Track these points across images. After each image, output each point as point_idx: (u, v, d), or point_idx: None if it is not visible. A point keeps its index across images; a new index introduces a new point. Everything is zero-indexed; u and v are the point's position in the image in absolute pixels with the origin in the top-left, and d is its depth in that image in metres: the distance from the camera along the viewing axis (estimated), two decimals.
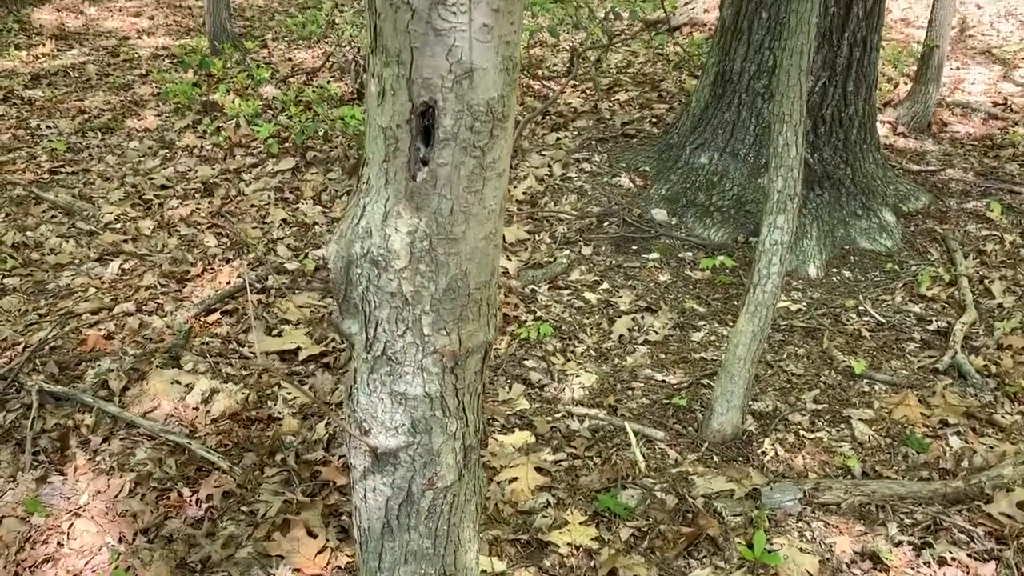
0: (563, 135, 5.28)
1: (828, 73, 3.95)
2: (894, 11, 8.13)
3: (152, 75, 6.56)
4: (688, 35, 7.47)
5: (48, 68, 6.82)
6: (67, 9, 8.60)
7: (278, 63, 6.85)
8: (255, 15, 8.69)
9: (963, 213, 4.30)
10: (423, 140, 1.22)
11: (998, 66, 6.63)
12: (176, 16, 8.62)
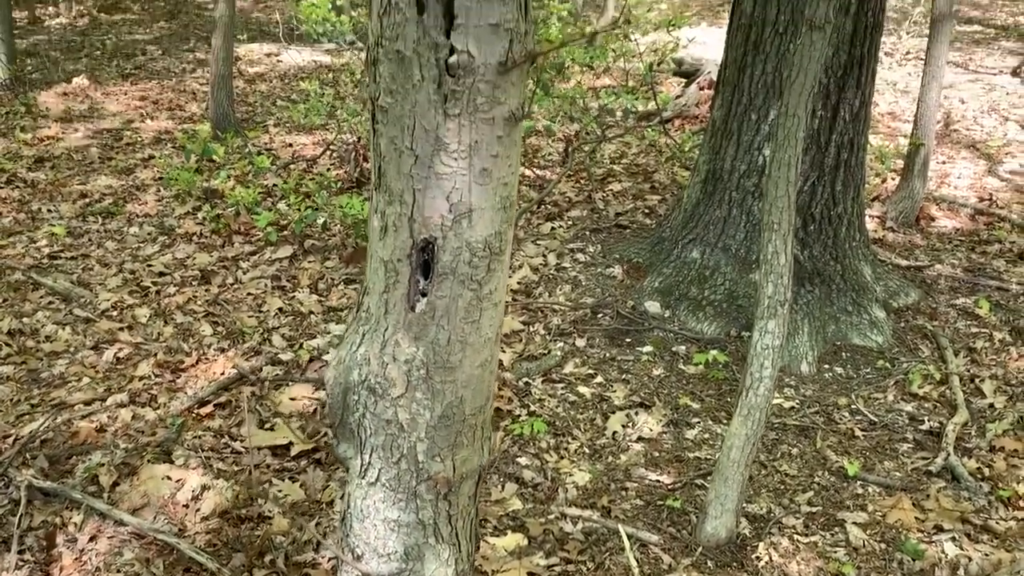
0: (558, 224, 5.36)
1: (817, 173, 4.05)
2: (880, 105, 8.36)
3: (155, 160, 6.68)
4: (680, 127, 7.66)
5: (52, 151, 6.94)
6: (73, 92, 8.79)
7: (279, 149, 6.99)
8: (258, 100, 8.89)
9: (952, 309, 4.35)
10: (422, 273, 1.26)
11: (983, 160, 6.79)
12: (180, 100, 8.81)
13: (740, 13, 4.13)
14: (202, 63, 10.57)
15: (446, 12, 1.10)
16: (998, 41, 12.31)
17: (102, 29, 12.76)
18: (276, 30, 12.98)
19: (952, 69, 9.98)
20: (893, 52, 10.86)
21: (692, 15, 15.28)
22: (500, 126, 1.18)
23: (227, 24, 7.15)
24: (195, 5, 15.58)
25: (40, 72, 9.70)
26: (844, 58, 3.93)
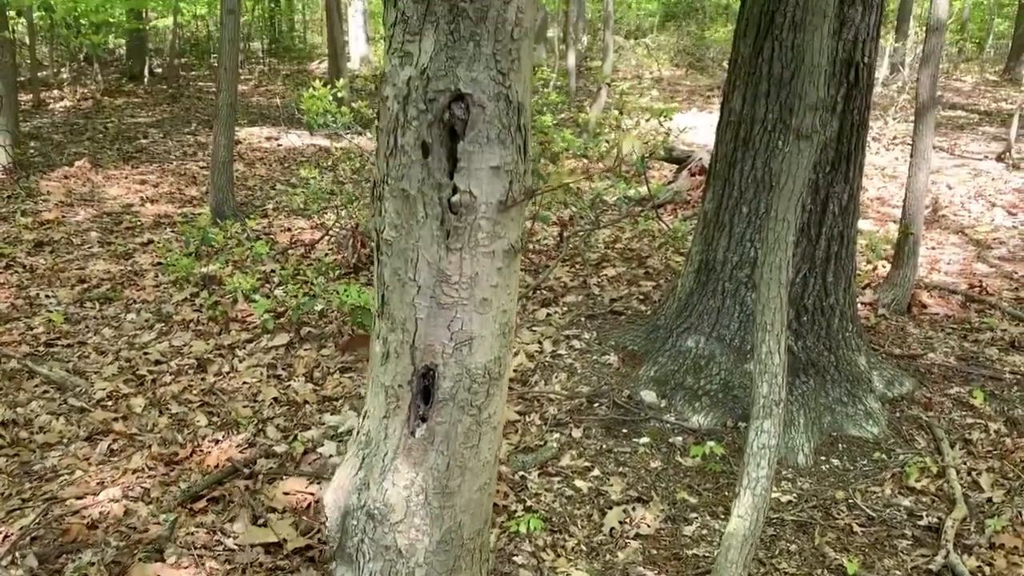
0: (553, 310, 5.40)
1: (808, 265, 4.12)
2: (869, 190, 8.53)
3: (154, 244, 6.75)
4: (672, 212, 7.79)
5: (52, 235, 7.01)
6: (75, 176, 8.92)
7: (277, 233, 7.07)
8: (257, 184, 9.03)
9: (947, 399, 4.37)
10: (423, 399, 1.28)
11: (972, 246, 6.89)
12: (180, 183, 8.94)
13: (729, 110, 4.25)
14: (203, 146, 10.78)
15: (449, 155, 1.15)
16: (982, 126, 12.62)
17: (105, 112, 13.03)
18: (277, 114, 13.28)
19: (938, 154, 10.22)
20: (880, 137, 11.12)
21: (682, 100, 15.68)
22: (500, 258, 1.22)
23: (229, 111, 7.32)
24: (197, 88, 15.93)
25: (43, 155, 9.87)
26: (832, 154, 4.03)
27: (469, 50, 1.15)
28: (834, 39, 3.89)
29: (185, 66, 18.90)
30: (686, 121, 13.16)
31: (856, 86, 3.99)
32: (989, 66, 19.40)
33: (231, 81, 7.30)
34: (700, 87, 17.59)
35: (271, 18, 21.45)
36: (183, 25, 19.70)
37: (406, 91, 1.18)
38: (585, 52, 21.37)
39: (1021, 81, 10.41)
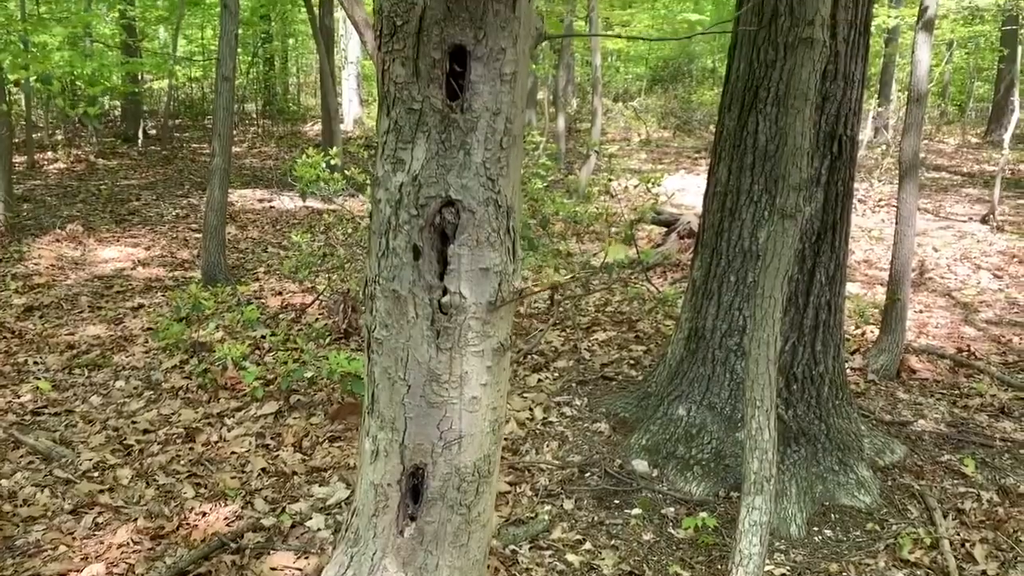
0: (544, 376, 5.40)
1: (796, 334, 4.14)
2: (856, 252, 8.62)
3: (144, 308, 6.74)
4: (662, 274, 7.85)
5: (42, 299, 7.00)
6: (67, 239, 8.94)
7: (268, 297, 7.08)
8: (249, 247, 9.07)
9: (939, 467, 4.36)
10: (412, 498, 1.28)
11: (959, 309, 6.95)
12: (172, 247, 8.97)
13: (716, 181, 4.32)
14: (195, 208, 10.84)
15: (440, 258, 1.18)
16: (965, 188, 12.83)
17: (99, 174, 13.12)
18: (270, 175, 13.40)
19: (923, 216, 10.36)
20: (866, 199, 11.28)
21: (670, 162, 15.90)
22: (489, 357, 1.23)
23: (222, 175, 7.38)
24: (191, 150, 16.09)
25: (35, 218, 9.90)
26: (818, 224, 4.09)
27: (459, 158, 1.18)
28: (817, 113, 3.98)
29: (179, 127, 19.12)
30: (674, 183, 13.35)
31: (840, 158, 4.07)
32: (970, 128, 19.80)
33: (225, 147, 7.38)
34: (687, 148, 17.86)
35: (266, 80, 21.78)
36: (178, 87, 19.98)
37: (398, 196, 1.20)
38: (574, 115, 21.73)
39: (1002, 143, 10.61)
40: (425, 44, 1.17)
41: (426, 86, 1.19)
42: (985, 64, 20.61)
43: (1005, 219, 10.24)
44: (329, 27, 13.75)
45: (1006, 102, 15.15)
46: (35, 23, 10.70)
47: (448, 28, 1.17)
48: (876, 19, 12.36)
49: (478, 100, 1.20)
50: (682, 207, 11.18)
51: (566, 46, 18.27)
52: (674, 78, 23.13)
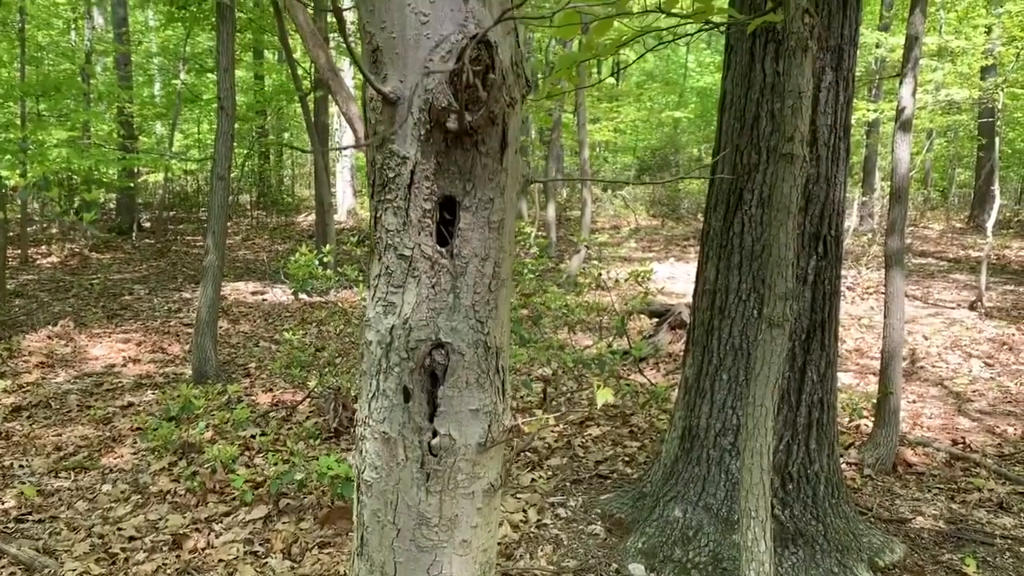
0: (538, 475, 5.33)
1: (790, 432, 4.13)
2: (847, 341, 8.65)
3: (133, 407, 6.68)
4: (654, 366, 7.84)
5: (31, 398, 6.94)
6: (57, 336, 8.92)
7: (259, 394, 7.03)
8: (240, 341, 9.05)
9: (940, 567, 4.28)
10: None
11: (952, 399, 6.94)
12: (163, 342, 8.94)
13: (704, 279, 4.37)
14: (187, 302, 10.86)
15: (430, 399, 1.19)
16: (952, 274, 12.97)
17: (92, 268, 13.18)
18: (263, 268, 13.48)
19: (912, 303, 10.45)
20: (855, 286, 11.38)
21: (659, 249, 16.09)
22: (479, 498, 1.23)
23: (215, 272, 7.43)
24: (184, 242, 16.22)
25: (27, 314, 9.90)
26: (807, 323, 4.13)
27: (449, 302, 1.21)
28: (801, 214, 4.06)
29: (174, 219, 19.32)
30: (664, 270, 13.48)
31: (825, 258, 4.13)
32: (954, 214, 20.16)
33: (219, 244, 7.45)
34: (676, 236, 18.10)
35: (260, 173, 22.12)
36: (173, 180, 20.27)
37: (389, 339, 1.22)
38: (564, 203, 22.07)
39: (986, 229, 10.79)
40: (416, 196, 1.21)
41: (417, 234, 1.23)
42: (964, 151, 21.13)
43: (993, 305, 10.33)
44: (324, 123, 14.06)
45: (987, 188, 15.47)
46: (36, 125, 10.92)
47: (439, 181, 1.21)
48: (856, 112, 12.72)
49: (467, 247, 1.23)
50: (673, 295, 11.27)
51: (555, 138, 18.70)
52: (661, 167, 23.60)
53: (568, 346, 7.79)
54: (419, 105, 1.19)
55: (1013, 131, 18.73)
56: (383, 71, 1.24)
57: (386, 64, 1.23)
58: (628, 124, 23.13)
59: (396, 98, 1.21)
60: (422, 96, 1.18)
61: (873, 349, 8.25)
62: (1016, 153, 19.93)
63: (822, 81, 4.00)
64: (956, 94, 10.86)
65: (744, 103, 4.11)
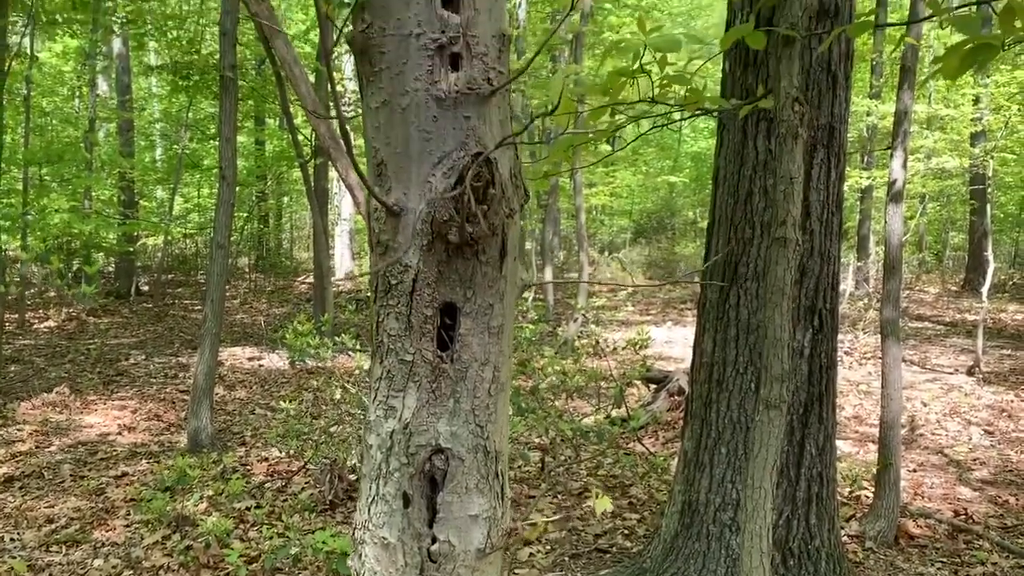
0: (536, 549, 5.26)
1: (790, 507, 4.10)
2: (846, 408, 8.63)
3: (127, 477, 6.62)
4: (652, 434, 7.80)
5: (24, 468, 6.87)
6: (53, 403, 8.87)
7: (254, 463, 6.97)
8: (236, 408, 9.01)
9: None
10: None
11: (953, 468, 6.90)
12: (159, 409, 8.89)
13: (701, 352, 4.39)
14: (184, 368, 10.83)
15: (429, 504, 1.19)
16: (949, 337, 13.00)
17: (89, 333, 13.17)
18: (260, 332, 13.48)
19: (909, 368, 10.44)
20: (852, 351, 11.39)
21: (657, 313, 16.13)
22: None
23: (213, 340, 7.44)
24: (182, 306, 16.24)
25: (22, 380, 9.86)
26: (804, 396, 4.13)
27: (449, 406, 1.23)
28: (796, 288, 4.10)
29: (172, 282, 19.37)
30: (661, 334, 13.49)
31: (821, 331, 4.16)
32: (949, 276, 20.28)
33: (217, 312, 7.47)
34: (674, 299, 18.16)
35: (259, 237, 22.27)
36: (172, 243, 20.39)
37: (389, 443, 1.24)
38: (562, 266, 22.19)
39: (981, 292, 10.86)
40: (418, 302, 1.23)
41: (418, 339, 1.25)
42: (957, 215, 21.37)
43: (991, 370, 10.33)
44: (324, 188, 14.21)
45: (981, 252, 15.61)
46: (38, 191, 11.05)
47: (440, 288, 1.24)
48: (850, 180, 12.91)
49: (467, 352, 1.26)
50: (671, 360, 11.26)
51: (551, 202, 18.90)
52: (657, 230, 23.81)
53: (566, 413, 7.76)
54: (422, 217, 1.23)
55: (1004, 195, 18.99)
56: (387, 184, 1.28)
57: (390, 177, 1.28)
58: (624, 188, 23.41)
59: (400, 210, 1.25)
60: (425, 209, 1.22)
61: (872, 416, 8.22)
62: (1008, 217, 20.17)
63: (814, 158, 4.08)
64: (947, 162, 11.04)
65: (737, 179, 4.18)
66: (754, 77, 4.06)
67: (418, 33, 1.24)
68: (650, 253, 23.33)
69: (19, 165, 12.27)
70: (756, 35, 2.54)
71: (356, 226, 21.68)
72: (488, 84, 1.26)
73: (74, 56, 18.99)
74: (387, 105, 1.27)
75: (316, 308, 12.87)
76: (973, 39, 1.78)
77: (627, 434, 7.43)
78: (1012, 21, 1.74)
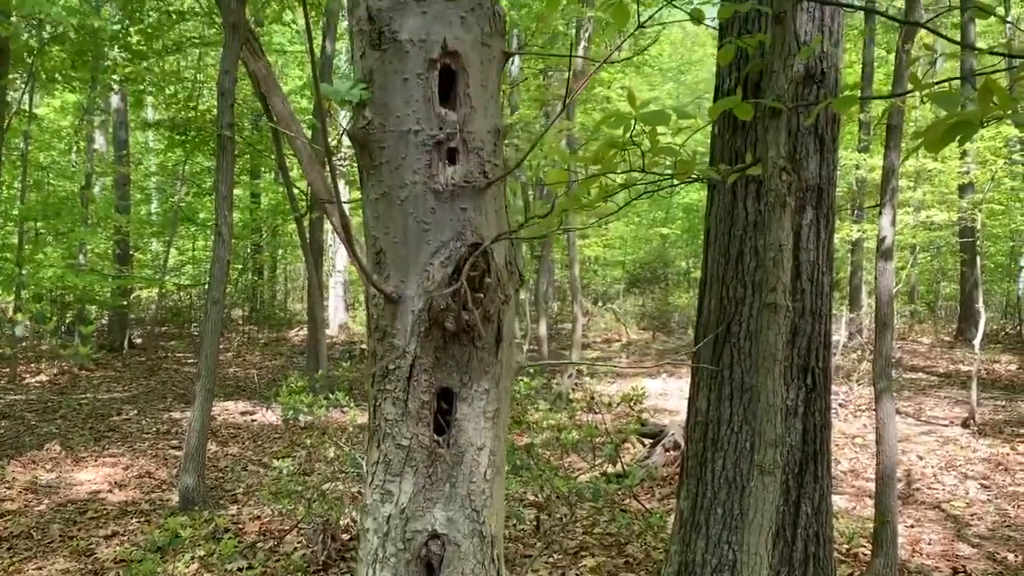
0: None
1: (787, 568, 4.07)
2: (842, 462, 8.60)
3: (117, 536, 6.53)
4: (648, 490, 7.75)
5: (12, 528, 6.78)
6: (43, 460, 8.79)
7: (246, 522, 6.89)
8: (229, 464, 8.93)
9: None
10: None
11: (950, 523, 6.86)
12: (151, 465, 8.81)
13: (696, 410, 4.40)
14: (176, 423, 10.76)
15: None
16: (943, 388, 13.00)
17: (80, 387, 13.09)
18: (253, 386, 13.42)
19: (905, 420, 10.44)
20: (847, 403, 11.38)
21: (651, 364, 16.13)
22: None
23: (206, 396, 7.40)
24: (175, 359, 16.18)
25: (13, 437, 9.78)
26: (799, 456, 4.13)
27: (446, 491, 1.24)
28: (789, 347, 4.12)
29: (165, 335, 19.32)
30: (656, 386, 13.48)
31: (814, 390, 4.17)
32: (942, 326, 20.35)
33: (211, 368, 7.45)
34: (668, 350, 18.17)
35: (253, 288, 22.30)
36: (166, 295, 20.39)
37: (386, 528, 1.25)
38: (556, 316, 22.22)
39: (974, 343, 10.90)
40: (415, 388, 1.26)
41: (415, 424, 1.27)
42: (948, 265, 21.52)
43: (985, 422, 10.33)
44: (319, 241, 14.29)
45: (972, 303, 15.70)
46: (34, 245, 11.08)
47: (437, 374, 1.26)
48: (840, 232, 13.02)
49: (463, 436, 1.27)
50: (666, 413, 11.23)
51: (545, 253, 19.00)
52: (650, 281, 23.91)
53: (561, 469, 7.71)
54: (419, 305, 1.25)
55: (994, 246, 19.16)
56: (386, 271, 1.31)
57: (389, 265, 1.31)
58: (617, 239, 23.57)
59: (398, 297, 1.28)
60: (422, 297, 1.25)
61: (868, 470, 8.19)
62: (998, 267, 20.32)
63: (803, 219, 4.14)
64: (936, 215, 11.17)
65: (728, 239, 4.23)
66: (742, 140, 4.14)
67: (417, 130, 1.28)
68: (644, 303, 23.40)
69: (15, 221, 12.32)
70: (743, 106, 2.61)
71: (350, 277, 21.74)
72: (484, 177, 1.30)
73: (72, 111, 19.21)
74: (386, 197, 1.31)
75: (310, 361, 12.84)
76: (953, 116, 1.84)
77: (623, 490, 7.39)
78: (989, 100, 1.80)
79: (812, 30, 4.10)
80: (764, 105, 2.56)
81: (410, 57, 1.31)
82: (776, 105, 2.53)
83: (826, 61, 4.11)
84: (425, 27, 1.30)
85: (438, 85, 1.33)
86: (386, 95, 1.31)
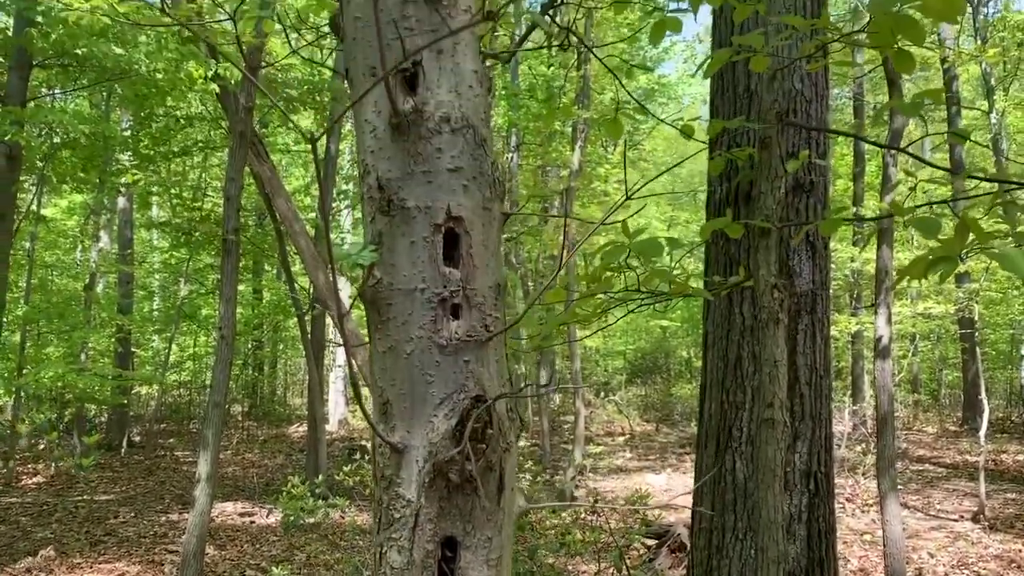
0: None
1: None
2: (852, 561, 8.44)
3: None
4: None
5: None
6: (37, 567, 8.63)
7: None
8: (227, 570, 8.76)
9: None
10: None
11: None
12: (147, 572, 8.65)
13: (700, 518, 4.36)
14: (174, 526, 10.59)
15: None
16: (951, 480, 12.85)
17: (77, 489, 12.93)
18: (252, 485, 13.26)
19: (913, 515, 10.29)
20: (854, 497, 11.24)
21: (655, 458, 15.97)
22: None
23: (206, 501, 7.32)
24: (174, 459, 16.02)
25: (7, 543, 9.61)
26: (804, 562, 4.08)
27: None
28: (790, 453, 4.13)
29: (164, 432, 19.15)
30: (660, 481, 13.32)
31: (817, 495, 4.16)
32: (947, 414, 20.21)
33: (212, 473, 7.40)
34: (671, 443, 18.00)
35: (254, 384, 22.23)
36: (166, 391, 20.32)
37: None
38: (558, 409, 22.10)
39: (979, 433, 10.83)
40: (420, 537, 1.29)
41: (420, 573, 1.30)
42: (949, 353, 21.52)
43: (995, 516, 10.17)
44: (320, 339, 14.34)
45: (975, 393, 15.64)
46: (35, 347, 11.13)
47: (441, 523, 1.30)
48: (838, 325, 13.10)
49: None
50: (671, 511, 11.06)
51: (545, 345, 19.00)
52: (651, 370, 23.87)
53: (565, 573, 7.58)
54: (424, 456, 1.30)
55: (994, 333, 19.20)
56: (392, 422, 1.37)
57: (394, 416, 1.36)
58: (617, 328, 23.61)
59: (403, 447, 1.33)
60: (427, 448, 1.30)
61: (878, 568, 8.03)
62: (1000, 355, 20.30)
63: (798, 324, 4.21)
64: (933, 307, 11.26)
65: (726, 344, 4.29)
66: (736, 247, 4.24)
67: (422, 288, 1.36)
68: (647, 394, 23.30)
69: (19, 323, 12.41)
70: (734, 226, 2.71)
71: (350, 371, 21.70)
72: (486, 331, 1.37)
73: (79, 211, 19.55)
74: (393, 350, 1.38)
75: (310, 460, 12.73)
76: (932, 252, 1.92)
77: None
78: (965, 235, 1.88)
79: (799, 142, 4.25)
80: (754, 225, 2.66)
81: (417, 222, 1.40)
82: (765, 225, 2.62)
83: (815, 172, 4.25)
84: (430, 195, 1.39)
85: (443, 246, 1.41)
86: (394, 256, 1.40)
